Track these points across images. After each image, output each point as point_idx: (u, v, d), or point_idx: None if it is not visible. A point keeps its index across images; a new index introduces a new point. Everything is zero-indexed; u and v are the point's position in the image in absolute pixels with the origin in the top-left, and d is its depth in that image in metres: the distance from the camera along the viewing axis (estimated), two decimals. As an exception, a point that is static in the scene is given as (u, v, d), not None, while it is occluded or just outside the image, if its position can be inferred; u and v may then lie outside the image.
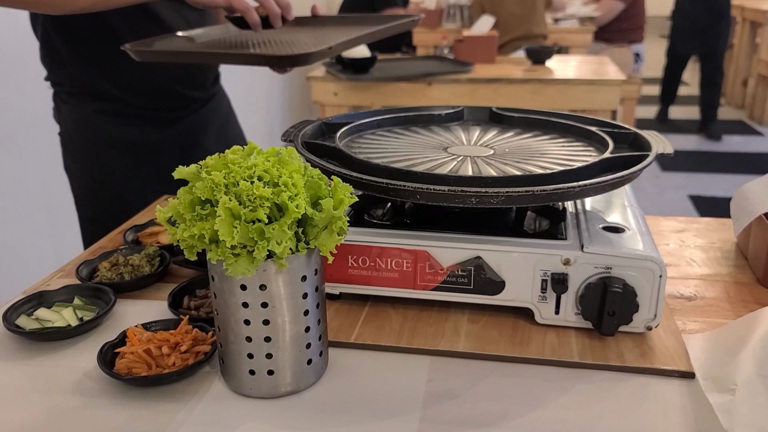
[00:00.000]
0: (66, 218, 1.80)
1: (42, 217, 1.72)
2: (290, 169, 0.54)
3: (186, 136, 1.19)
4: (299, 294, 0.56)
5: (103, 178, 1.15)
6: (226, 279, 0.55)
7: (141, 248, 0.83)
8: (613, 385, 0.60)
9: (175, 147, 1.17)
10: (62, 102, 1.13)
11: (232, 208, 0.51)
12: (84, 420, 0.56)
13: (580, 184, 0.61)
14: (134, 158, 1.15)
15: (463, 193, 0.60)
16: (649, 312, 0.64)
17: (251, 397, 0.59)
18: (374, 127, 0.86)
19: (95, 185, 1.16)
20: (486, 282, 0.67)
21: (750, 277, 0.80)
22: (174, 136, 1.17)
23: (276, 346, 0.57)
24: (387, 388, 0.60)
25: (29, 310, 0.70)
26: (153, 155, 1.15)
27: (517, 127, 0.88)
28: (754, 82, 4.71)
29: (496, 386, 0.60)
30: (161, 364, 0.61)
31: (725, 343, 0.61)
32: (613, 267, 0.63)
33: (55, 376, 0.62)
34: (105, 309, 0.69)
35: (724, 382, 0.55)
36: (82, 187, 1.18)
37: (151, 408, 0.58)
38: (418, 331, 0.68)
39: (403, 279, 0.68)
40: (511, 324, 0.68)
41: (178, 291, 0.73)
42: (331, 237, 0.55)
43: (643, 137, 0.75)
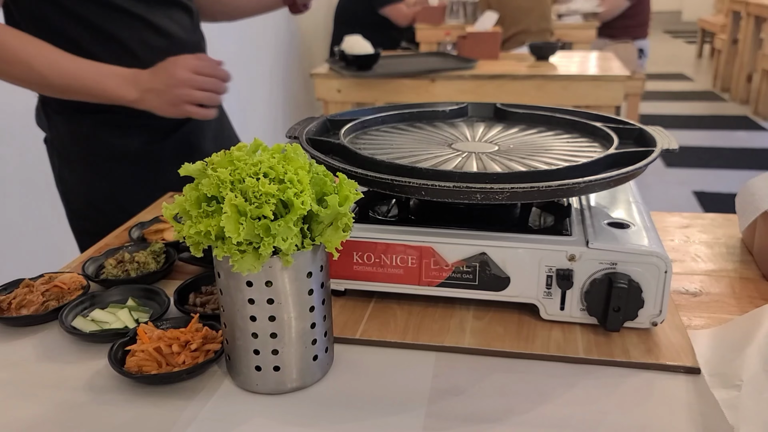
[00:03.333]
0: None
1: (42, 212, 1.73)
2: (295, 166, 0.54)
3: (186, 142, 1.19)
4: (305, 290, 0.57)
5: (106, 191, 1.14)
6: (232, 275, 0.55)
7: (147, 245, 0.84)
8: (619, 380, 0.60)
9: (176, 154, 1.14)
10: (54, 112, 1.12)
11: (238, 204, 0.51)
12: (92, 416, 0.57)
13: (585, 180, 0.61)
14: (136, 168, 1.14)
15: (468, 189, 0.60)
16: (654, 308, 0.64)
17: (258, 393, 0.59)
18: (378, 123, 0.86)
19: (97, 198, 1.15)
20: (491, 278, 0.67)
21: (756, 272, 0.80)
22: (174, 144, 1.17)
23: (282, 342, 0.57)
24: (392, 384, 0.60)
25: (83, 311, 0.70)
26: (155, 164, 1.15)
27: (521, 123, 0.88)
28: (759, 78, 4.68)
29: (501, 382, 0.60)
30: (171, 362, 0.61)
31: (731, 339, 0.61)
32: (618, 263, 0.63)
33: (66, 373, 0.63)
34: (161, 312, 0.69)
35: (729, 378, 0.55)
36: (83, 201, 1.16)
37: (160, 405, 0.58)
38: (424, 327, 0.68)
39: (408, 275, 0.69)
40: (516, 320, 0.69)
41: (184, 288, 0.74)
42: (336, 233, 0.56)
43: (648, 133, 0.75)
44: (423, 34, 3.81)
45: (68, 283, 0.74)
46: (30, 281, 0.74)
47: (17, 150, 1.62)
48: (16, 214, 1.64)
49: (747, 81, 5.04)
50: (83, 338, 0.67)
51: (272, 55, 3.41)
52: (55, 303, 0.72)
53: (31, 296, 0.72)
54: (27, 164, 1.64)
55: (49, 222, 1.73)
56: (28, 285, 0.73)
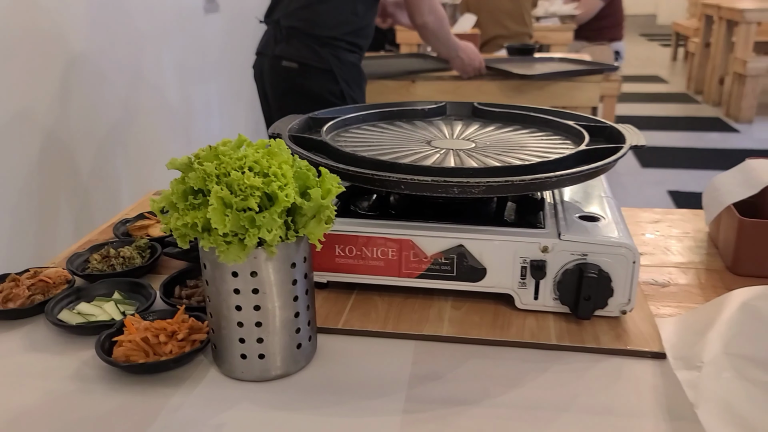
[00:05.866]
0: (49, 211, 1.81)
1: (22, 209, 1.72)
2: (279, 160, 0.56)
3: None
4: (289, 280, 0.59)
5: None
6: (218, 266, 0.57)
7: (132, 241, 0.85)
8: (589, 365, 0.63)
9: None
10: (345, 52, 1.82)
11: (224, 197, 0.53)
12: (81, 404, 0.58)
13: (557, 174, 0.64)
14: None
15: (446, 183, 0.63)
16: (623, 297, 0.67)
17: (243, 381, 0.61)
18: (359, 121, 0.89)
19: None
20: (468, 269, 0.69)
21: (720, 264, 0.84)
22: None
23: (267, 330, 0.59)
24: (374, 371, 0.62)
25: (69, 304, 0.71)
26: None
27: (498, 121, 0.90)
28: (730, 80, 4.79)
29: (477, 368, 0.63)
30: (158, 352, 0.63)
31: (694, 326, 0.65)
32: (589, 254, 0.66)
33: (53, 364, 0.64)
34: (147, 304, 0.70)
35: (691, 360, 0.58)
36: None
37: (147, 393, 0.60)
38: (403, 318, 0.70)
39: (389, 267, 0.71)
40: (492, 310, 0.71)
41: (170, 281, 0.75)
42: (319, 225, 0.58)
43: (618, 130, 0.78)
44: (403, 36, 3.83)
45: (54, 278, 0.75)
46: (16, 275, 0.75)
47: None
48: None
49: (719, 83, 5.15)
50: (70, 330, 0.68)
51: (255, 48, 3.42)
52: (40, 297, 0.73)
53: (17, 290, 0.73)
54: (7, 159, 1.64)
55: (29, 219, 1.72)
56: (14, 279, 0.74)
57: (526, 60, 2.47)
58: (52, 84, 1.80)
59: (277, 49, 1.82)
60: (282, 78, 1.84)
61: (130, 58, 2.21)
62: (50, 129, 1.80)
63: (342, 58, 1.82)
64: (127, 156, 2.22)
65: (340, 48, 1.81)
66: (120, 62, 2.14)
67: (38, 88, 1.75)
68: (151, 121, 2.37)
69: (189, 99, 2.66)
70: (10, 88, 1.64)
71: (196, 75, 2.72)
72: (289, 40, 1.81)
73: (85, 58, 1.95)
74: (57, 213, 1.84)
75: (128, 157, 2.23)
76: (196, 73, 2.72)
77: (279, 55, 1.82)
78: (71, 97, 1.89)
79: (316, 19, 1.77)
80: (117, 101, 2.14)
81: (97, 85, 2.01)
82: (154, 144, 2.41)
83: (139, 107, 2.28)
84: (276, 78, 1.85)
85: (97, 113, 2.02)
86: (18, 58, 1.67)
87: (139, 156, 2.31)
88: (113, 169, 2.14)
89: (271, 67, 1.85)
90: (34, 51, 1.72)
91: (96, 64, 2.01)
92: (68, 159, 1.89)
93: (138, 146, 2.30)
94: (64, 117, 1.86)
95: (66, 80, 1.87)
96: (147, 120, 2.34)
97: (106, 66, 2.07)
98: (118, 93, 2.15)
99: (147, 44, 2.31)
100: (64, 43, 1.85)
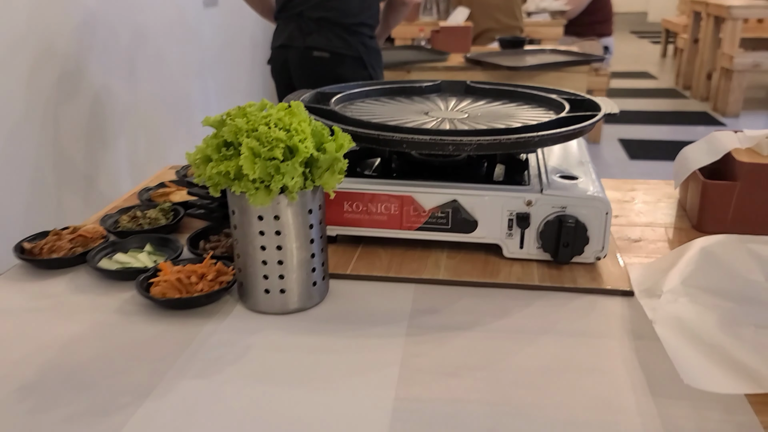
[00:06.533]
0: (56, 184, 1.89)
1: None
2: (299, 119, 0.65)
3: None
4: (306, 224, 0.68)
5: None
6: (245, 211, 0.66)
7: (156, 204, 0.94)
8: (567, 301, 0.72)
9: None
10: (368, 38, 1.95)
11: (254, 147, 0.62)
12: (124, 332, 0.67)
13: (539, 134, 0.73)
14: None
15: (442, 141, 0.72)
16: (597, 244, 0.77)
17: (266, 314, 0.70)
18: (363, 96, 0.98)
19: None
20: (461, 222, 0.78)
21: (687, 224, 0.93)
22: None
23: (287, 268, 0.68)
24: (380, 307, 0.71)
25: (107, 255, 0.80)
26: None
27: (488, 97, 1.00)
28: (718, 76, 4.91)
29: (470, 304, 0.72)
30: (190, 291, 0.71)
31: (659, 267, 0.74)
32: (568, 206, 0.76)
33: (97, 302, 0.73)
34: (177, 253, 0.80)
35: (653, 290, 0.68)
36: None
37: (182, 323, 0.68)
38: (405, 266, 0.79)
39: (391, 221, 0.80)
40: (482, 259, 0.80)
41: (195, 236, 0.84)
42: (333, 176, 0.67)
43: (595, 102, 0.87)
44: (398, 30, 3.92)
45: (91, 233, 0.84)
46: (58, 230, 0.84)
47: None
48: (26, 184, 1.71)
49: (707, 79, 5.26)
50: (110, 276, 0.77)
51: (253, 42, 3.50)
52: (81, 249, 0.82)
53: (60, 243, 0.81)
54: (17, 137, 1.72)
55: (40, 203, 1.80)
56: (56, 233, 0.83)
57: (517, 52, 2.56)
58: (54, 78, 1.88)
59: (307, 40, 1.89)
60: (314, 68, 1.90)
61: (133, 51, 2.29)
62: (54, 121, 1.88)
63: (367, 44, 1.91)
64: (130, 145, 2.30)
65: (364, 35, 1.90)
66: (122, 54, 2.22)
67: (42, 81, 1.83)
68: (152, 113, 2.45)
69: (189, 91, 2.74)
70: (15, 83, 1.72)
71: (195, 68, 2.80)
72: (320, 31, 1.88)
73: (89, 50, 2.03)
74: (62, 200, 1.93)
75: (130, 147, 2.31)
76: (195, 66, 2.80)
77: (310, 45, 1.89)
78: (75, 89, 1.97)
79: (344, 7, 1.86)
80: (120, 92, 2.22)
81: (100, 76, 2.09)
82: (155, 134, 2.49)
83: (141, 99, 2.36)
84: (307, 69, 1.92)
85: (101, 104, 2.11)
86: (24, 51, 1.75)
87: (140, 146, 2.39)
88: (115, 158, 2.22)
89: (300, 59, 1.92)
90: (39, 45, 1.80)
91: (100, 56, 2.09)
92: (73, 149, 1.97)
93: (140, 136, 2.38)
94: (67, 108, 1.94)
95: (69, 73, 1.95)
96: (149, 111, 2.42)
97: (109, 58, 2.15)
98: (121, 84, 2.23)
99: (148, 37, 2.39)
100: (68, 37, 1.93)
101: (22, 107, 1.72)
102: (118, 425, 0.53)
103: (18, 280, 0.78)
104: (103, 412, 0.55)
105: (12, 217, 1.70)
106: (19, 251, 0.81)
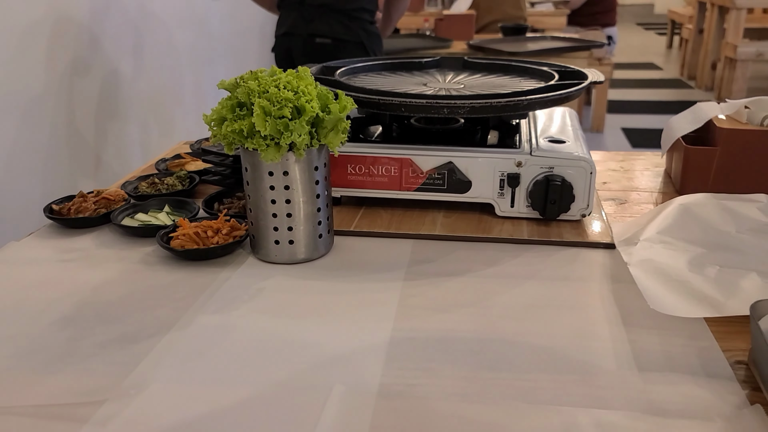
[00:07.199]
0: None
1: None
2: (306, 82, 0.72)
3: None
4: (313, 180, 0.74)
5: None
6: (257, 167, 0.72)
7: (172, 173, 1.00)
8: (553, 252, 0.78)
9: None
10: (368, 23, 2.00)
11: (265, 106, 0.68)
12: (148, 278, 0.74)
13: (528, 97, 0.79)
14: None
15: (438, 104, 0.78)
16: (583, 202, 0.83)
17: (276, 263, 0.76)
18: (366, 70, 1.04)
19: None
20: (457, 182, 0.85)
21: (672, 189, 0.99)
22: None
23: (295, 221, 0.74)
24: (380, 258, 0.78)
25: (129, 214, 0.87)
26: None
27: (485, 71, 1.06)
28: (722, 65, 4.93)
29: (463, 255, 0.78)
30: (207, 243, 0.78)
31: (639, 222, 0.80)
32: (555, 167, 0.82)
33: (122, 254, 0.80)
34: (193, 213, 0.86)
35: (631, 239, 0.74)
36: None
37: (200, 271, 0.75)
38: (404, 223, 0.85)
39: (391, 182, 0.86)
40: (476, 218, 0.87)
41: (209, 199, 0.90)
42: (337, 136, 0.73)
43: (582, 72, 0.93)
44: (403, 20, 3.97)
45: (114, 195, 0.91)
46: (83, 193, 0.90)
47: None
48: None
49: (711, 68, 5.29)
50: (132, 232, 0.84)
51: (262, 31, 3.57)
52: (104, 210, 0.88)
53: (86, 204, 0.88)
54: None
55: (54, 181, 1.88)
56: (82, 196, 0.90)
57: (518, 39, 2.62)
58: (68, 62, 1.95)
59: (309, 27, 1.96)
60: (317, 55, 1.97)
61: (145, 40, 2.36)
62: (68, 103, 1.96)
63: (368, 29, 1.98)
64: (141, 131, 2.38)
65: (365, 20, 1.97)
66: (135, 42, 2.29)
67: (58, 64, 1.90)
68: (164, 99, 2.52)
69: (199, 79, 2.81)
70: (28, 70, 1.79)
71: (205, 57, 2.87)
72: (321, 18, 1.95)
73: (103, 38, 2.10)
74: (76, 184, 2.00)
75: (142, 133, 2.38)
76: (205, 54, 2.86)
77: (312, 33, 1.96)
78: (88, 74, 2.05)
79: None
80: (133, 79, 2.29)
81: (113, 63, 2.16)
82: (166, 120, 2.56)
83: (153, 85, 2.43)
84: (310, 56, 1.98)
85: (114, 89, 2.18)
86: (42, 37, 1.82)
87: (152, 131, 2.46)
88: (128, 143, 2.29)
89: (304, 46, 1.99)
90: (56, 33, 1.88)
91: (113, 42, 2.16)
92: (88, 132, 2.04)
93: (151, 122, 2.45)
94: (81, 92, 2.02)
95: (82, 58, 2.02)
96: (160, 97, 2.49)
97: (123, 45, 2.22)
98: (133, 71, 2.30)
99: (160, 26, 2.46)
100: (83, 27, 2.00)
101: (39, 88, 1.79)
102: (146, 350, 0.60)
103: (48, 238, 0.85)
104: (133, 339, 0.61)
105: (27, 193, 1.77)
106: (48, 211, 0.87)
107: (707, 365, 0.56)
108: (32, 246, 0.82)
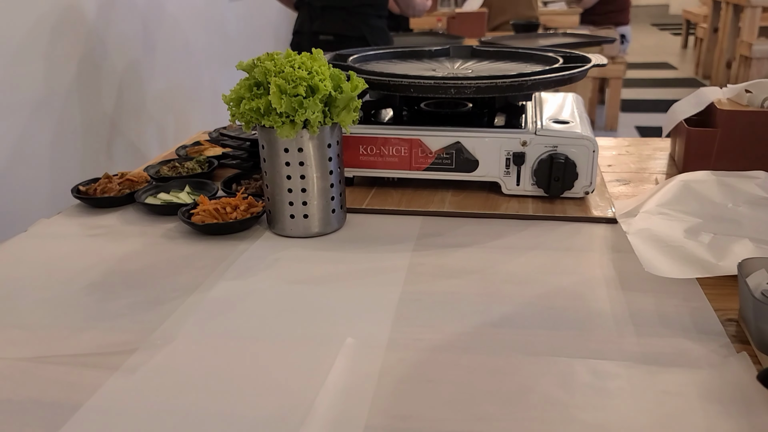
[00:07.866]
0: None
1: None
2: (319, 63, 0.76)
3: None
4: (326, 157, 0.78)
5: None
6: (273, 144, 0.76)
7: (192, 158, 1.05)
8: (556, 227, 0.81)
9: None
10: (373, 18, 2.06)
11: (281, 85, 0.72)
12: (170, 249, 0.78)
13: (533, 78, 0.83)
14: None
15: (445, 84, 0.82)
16: (586, 179, 0.86)
17: (291, 237, 0.80)
18: (378, 58, 1.08)
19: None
20: (464, 162, 0.88)
21: (675, 171, 1.02)
22: None
23: (309, 196, 0.78)
24: (391, 232, 0.81)
25: (152, 194, 0.91)
26: None
27: (493, 58, 1.09)
28: (737, 64, 4.91)
29: (471, 230, 0.82)
30: (226, 219, 0.82)
31: (641, 198, 0.83)
32: (559, 146, 0.85)
33: (145, 230, 0.84)
34: (212, 193, 0.90)
35: (631, 213, 0.77)
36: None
37: (220, 244, 0.79)
38: (414, 202, 0.89)
39: (401, 162, 0.90)
40: (484, 196, 0.90)
41: (227, 180, 0.95)
42: (349, 114, 0.77)
43: (586, 56, 0.96)
44: (416, 20, 4.02)
45: (137, 177, 0.95)
46: (109, 175, 0.95)
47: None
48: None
49: (726, 67, 5.27)
50: (155, 210, 0.88)
51: (276, 34, 3.63)
52: (128, 191, 0.93)
53: (111, 185, 0.93)
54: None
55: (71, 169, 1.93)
56: (108, 177, 0.94)
57: (530, 35, 2.64)
58: (81, 61, 2.01)
59: (313, 26, 2.05)
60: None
61: (162, 39, 2.42)
62: (94, 101, 2.02)
63: (371, 24, 2.03)
64: (159, 130, 2.44)
65: (368, 15, 2.02)
66: (155, 44, 2.35)
67: (69, 64, 1.96)
68: (180, 99, 2.58)
69: (215, 80, 2.87)
70: (49, 71, 1.85)
71: (221, 58, 2.92)
72: (324, 16, 2.04)
73: (124, 38, 2.16)
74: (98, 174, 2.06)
75: (160, 132, 2.44)
76: (221, 56, 2.92)
77: (316, 31, 2.05)
78: (104, 73, 2.11)
79: None
80: (150, 78, 2.35)
81: (130, 63, 2.22)
82: (183, 119, 2.62)
83: (170, 85, 2.49)
84: None
85: (132, 88, 2.24)
86: (66, 37, 1.88)
87: (169, 130, 2.52)
88: (144, 141, 2.35)
89: (310, 44, 2.07)
90: (78, 31, 1.94)
91: (130, 42, 2.22)
92: (108, 128, 2.10)
93: (169, 121, 2.51)
94: (96, 90, 2.08)
95: (97, 57, 2.08)
96: (177, 97, 2.55)
97: (140, 45, 2.28)
98: (151, 70, 2.36)
99: (177, 27, 2.52)
100: (106, 26, 2.06)
101: (46, 88, 1.85)
102: (171, 310, 0.64)
103: (75, 216, 0.89)
104: (158, 301, 0.66)
105: (38, 190, 1.83)
106: (76, 192, 0.92)
107: (699, 323, 0.59)
108: (60, 223, 0.87)
